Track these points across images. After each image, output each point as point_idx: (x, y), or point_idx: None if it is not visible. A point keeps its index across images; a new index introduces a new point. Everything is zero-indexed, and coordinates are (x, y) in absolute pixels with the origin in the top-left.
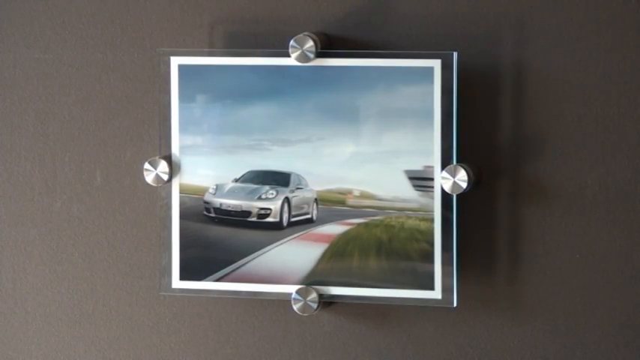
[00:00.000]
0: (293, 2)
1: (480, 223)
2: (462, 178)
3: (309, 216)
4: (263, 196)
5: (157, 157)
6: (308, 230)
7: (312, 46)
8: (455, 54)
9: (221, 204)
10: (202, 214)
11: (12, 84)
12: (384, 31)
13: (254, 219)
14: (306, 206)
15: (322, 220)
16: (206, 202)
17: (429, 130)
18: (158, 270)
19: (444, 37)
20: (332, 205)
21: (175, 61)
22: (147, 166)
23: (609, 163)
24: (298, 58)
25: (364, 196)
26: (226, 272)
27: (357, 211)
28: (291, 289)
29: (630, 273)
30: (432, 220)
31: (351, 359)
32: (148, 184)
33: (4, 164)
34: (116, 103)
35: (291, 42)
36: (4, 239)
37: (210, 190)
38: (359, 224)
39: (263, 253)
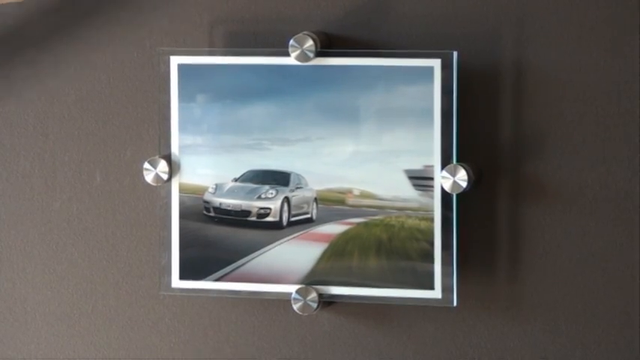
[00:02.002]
0: (293, 2)
1: (480, 223)
2: (461, 177)
3: (308, 215)
4: (263, 196)
5: (157, 157)
6: (308, 230)
7: (311, 46)
8: (455, 53)
9: (221, 203)
10: (202, 214)
11: (12, 84)
12: (384, 31)
13: (254, 218)
14: (305, 206)
15: (322, 220)
16: (206, 202)
17: (429, 129)
18: (158, 270)
19: (444, 37)
20: (332, 204)
21: (175, 61)
22: (147, 165)
23: (609, 163)
24: (298, 58)
25: (364, 195)
26: (226, 272)
27: (356, 210)
28: (291, 288)
29: (630, 273)
30: (432, 220)
31: (351, 359)
32: (147, 183)
33: (4, 164)
34: (116, 102)
35: (291, 41)
36: (4, 239)
37: (210, 190)
38: (359, 224)
39: (263, 253)
